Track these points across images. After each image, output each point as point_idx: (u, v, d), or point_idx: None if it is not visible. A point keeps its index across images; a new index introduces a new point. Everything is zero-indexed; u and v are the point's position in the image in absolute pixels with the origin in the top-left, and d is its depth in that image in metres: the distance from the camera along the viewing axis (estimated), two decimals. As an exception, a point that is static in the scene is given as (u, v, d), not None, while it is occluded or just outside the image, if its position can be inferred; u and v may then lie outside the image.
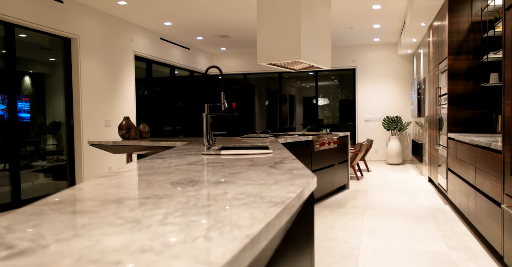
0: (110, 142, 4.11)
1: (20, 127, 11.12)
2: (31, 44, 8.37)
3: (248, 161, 1.94)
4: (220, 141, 3.74)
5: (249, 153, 2.34)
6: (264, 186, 1.20)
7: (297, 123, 17.96)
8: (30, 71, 11.04)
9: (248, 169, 1.61)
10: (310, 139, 4.73)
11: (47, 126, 7.04)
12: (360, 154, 6.97)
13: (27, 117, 11.36)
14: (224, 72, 10.80)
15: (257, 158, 2.07)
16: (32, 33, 5.74)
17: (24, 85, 11.51)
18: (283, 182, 1.25)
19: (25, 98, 11.32)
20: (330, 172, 5.35)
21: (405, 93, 9.44)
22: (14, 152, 5.34)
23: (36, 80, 7.86)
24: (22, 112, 11.28)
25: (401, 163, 9.14)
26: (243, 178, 1.37)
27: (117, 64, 6.76)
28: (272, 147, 2.87)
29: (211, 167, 1.71)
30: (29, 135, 11.02)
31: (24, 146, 10.38)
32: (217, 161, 1.97)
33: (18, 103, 11.10)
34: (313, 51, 5.12)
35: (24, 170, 9.54)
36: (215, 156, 2.28)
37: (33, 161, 9.89)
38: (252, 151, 2.47)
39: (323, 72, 10.84)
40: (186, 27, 7.63)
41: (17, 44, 9.04)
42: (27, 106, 11.31)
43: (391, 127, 9.14)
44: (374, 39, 8.95)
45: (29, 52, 9.07)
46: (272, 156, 2.17)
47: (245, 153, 2.34)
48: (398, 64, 9.45)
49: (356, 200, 5.20)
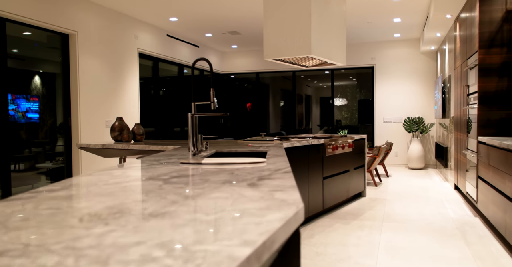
0: (99, 144, 3.74)
1: (28, 128, 10.95)
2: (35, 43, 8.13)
3: (228, 174, 1.50)
4: (218, 145, 3.31)
5: (238, 161, 1.90)
6: (213, 225, 0.76)
7: (313, 125, 17.44)
8: (40, 71, 10.88)
9: (218, 188, 1.17)
10: (322, 142, 4.26)
11: (58, 126, 6.80)
12: (379, 158, 6.45)
13: (35, 118, 11.20)
14: (236, 71, 10.39)
15: (243, 169, 1.64)
16: (29, 29, 5.43)
17: (33, 85, 11.36)
18: (249, 218, 0.81)
19: (33, 99, 11.17)
20: (344, 178, 4.87)
21: (427, 92, 8.85)
22: (4, 153, 5.03)
23: (47, 80, 7.61)
24: (30, 113, 11.12)
25: (423, 168, 8.55)
26: (196, 206, 0.94)
27: (120, 62, 6.42)
28: (271, 153, 2.43)
29: (172, 184, 1.28)
30: (38, 136, 10.85)
31: (29, 147, 10.19)
32: (190, 174, 1.55)
33: (26, 104, 10.94)
34: (326, 46, 4.64)
35: (28, 172, 9.34)
36: (195, 165, 1.85)
37: (39, 163, 9.68)
38: (243, 159, 2.03)
39: (339, 71, 10.32)
40: (193, 23, 7.24)
41: (24, 43, 8.83)
42: (36, 107, 11.14)
43: (413, 129, 8.56)
44: (394, 35, 8.40)
45: (38, 51, 8.85)
46: (262, 166, 1.73)
47: (233, 161, 1.90)
48: (420, 62, 8.87)
49: (373, 210, 4.70)
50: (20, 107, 10.54)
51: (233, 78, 11.15)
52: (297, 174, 3.80)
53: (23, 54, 10.25)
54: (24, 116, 10.64)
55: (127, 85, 6.60)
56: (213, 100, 2.36)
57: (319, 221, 4.18)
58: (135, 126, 4.12)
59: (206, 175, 1.50)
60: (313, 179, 4.10)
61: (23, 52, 10.04)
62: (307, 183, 3.98)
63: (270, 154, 2.41)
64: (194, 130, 2.37)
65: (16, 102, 10.48)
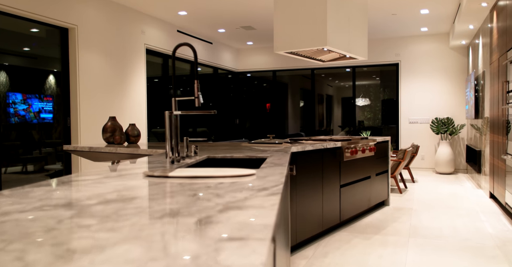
0: (86, 147, 3.34)
1: (42, 128, 10.76)
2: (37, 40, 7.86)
3: (188, 196, 1.05)
4: (214, 149, 2.86)
5: (218, 174, 1.44)
6: None
7: (334, 126, 16.83)
8: (54, 70, 10.67)
9: (141, 231, 0.71)
10: (339, 145, 3.75)
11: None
12: (404, 162, 5.87)
13: (49, 118, 11.00)
14: (252, 69, 9.94)
15: (217, 187, 1.18)
16: (34, 25, 5.12)
17: (47, 85, 11.16)
18: None
19: (47, 98, 10.97)
20: (365, 185, 4.34)
21: (457, 91, 8.18)
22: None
23: (62, 79, 7.37)
24: (43, 113, 10.93)
25: (452, 172, 7.89)
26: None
27: (125, 59, 6.05)
28: (270, 161, 1.96)
29: (84, 218, 0.82)
30: (51, 136, 10.65)
31: (41, 147, 9.99)
32: (134, 196, 1.09)
33: (39, 104, 10.75)
34: (344, 38, 4.13)
35: (37, 174, 9.11)
36: (160, 179, 1.40)
37: (49, 164, 9.45)
38: (228, 171, 1.57)
39: (361, 69, 9.74)
40: (204, 17, 6.82)
41: (32, 41, 8.59)
42: (50, 107, 10.94)
43: (441, 130, 7.92)
44: (421, 29, 7.77)
45: (52, 50, 8.60)
46: (246, 182, 1.26)
47: (211, 174, 1.44)
48: (449, 58, 8.21)
49: (397, 222, 4.16)
50: (32, 107, 10.37)
51: (250, 77, 10.70)
52: (309, 182, 3.31)
53: (35, 52, 10.07)
54: (36, 116, 10.48)
55: (133, 83, 6.23)
56: (197, 95, 1.90)
57: (335, 235, 3.67)
58: (129, 127, 3.71)
59: (155, 198, 1.04)
60: (328, 187, 3.60)
61: (35, 50, 9.85)
62: (321, 192, 3.48)
63: (269, 161, 1.94)
64: (174, 132, 1.92)
65: (28, 102, 10.32)
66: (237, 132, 10.21)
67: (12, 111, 9.77)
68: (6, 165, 8.68)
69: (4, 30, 6.97)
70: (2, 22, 5.66)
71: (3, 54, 9.49)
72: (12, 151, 9.15)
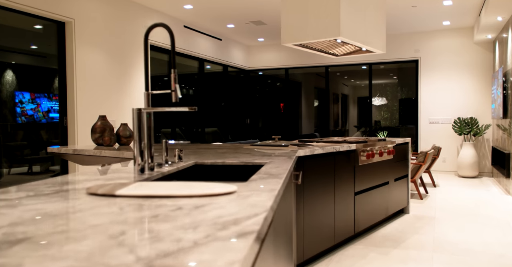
0: (70, 149, 3.01)
1: (51, 128, 10.56)
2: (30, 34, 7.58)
3: (103, 240, 0.68)
4: (206, 152, 2.49)
5: (183, 194, 1.06)
6: None
7: (350, 126, 16.34)
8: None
9: None
10: (353, 148, 3.34)
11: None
12: (425, 166, 5.42)
13: (58, 117, 10.79)
14: (264, 67, 9.55)
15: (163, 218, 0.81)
16: (30, 21, 4.85)
17: (56, 84, 10.96)
18: None
19: (56, 98, 10.77)
20: (383, 192, 3.92)
21: (482, 89, 7.65)
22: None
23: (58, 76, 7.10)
24: (52, 112, 10.73)
25: (476, 176, 7.37)
26: None
27: (126, 55, 5.74)
28: (266, 170, 1.58)
29: None
30: (59, 136, 10.44)
31: (47, 148, 9.78)
32: (14, 240, 0.72)
33: (48, 103, 10.55)
34: (359, 28, 3.72)
35: (43, 174, 8.89)
36: (104, 199, 1.03)
37: (55, 164, 9.23)
38: (201, 188, 1.20)
39: (378, 66, 9.26)
40: (211, 11, 6.47)
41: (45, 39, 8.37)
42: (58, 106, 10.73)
43: (464, 131, 7.41)
44: (443, 23, 7.28)
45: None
46: (214, 207, 0.89)
47: (175, 194, 1.07)
48: (473, 54, 7.68)
49: (419, 233, 3.73)
50: (41, 107, 10.17)
51: (261, 75, 10.32)
52: (319, 191, 2.92)
53: (43, 51, 9.87)
54: (45, 116, 10.29)
55: (135, 81, 5.91)
56: (174, 88, 1.53)
57: (349, 249, 3.27)
58: (120, 127, 3.37)
59: (51, 243, 0.67)
60: (341, 195, 3.20)
61: (43, 48, 9.64)
62: (333, 201, 3.08)
63: (263, 171, 1.56)
64: (147, 133, 1.56)
65: (36, 102, 10.13)
66: (248, 132, 9.84)
67: (19, 111, 9.59)
68: (10, 165, 8.47)
69: (9, 27, 6.73)
70: (5, 19, 5.40)
71: (9, 52, 9.30)
72: (17, 151, 8.95)
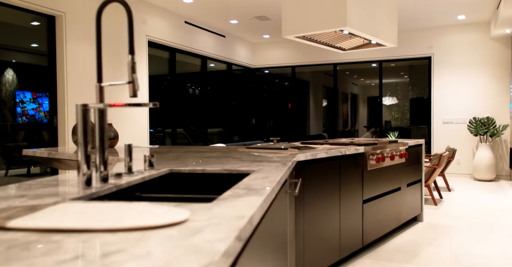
0: (45, 153, 2.72)
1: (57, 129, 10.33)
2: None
3: None
4: (194, 156, 2.18)
5: (106, 227, 0.74)
6: None
7: (360, 126, 15.94)
8: (64, 68, 10.22)
9: None
10: (361, 151, 3.01)
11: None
12: (439, 169, 5.05)
13: (59, 117, 10.56)
14: (270, 65, 9.22)
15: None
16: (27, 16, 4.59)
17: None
18: None
19: (57, 97, 10.54)
20: (394, 199, 3.57)
21: (500, 87, 7.24)
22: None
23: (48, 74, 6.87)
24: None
25: (493, 179, 6.97)
26: None
27: (122, 51, 5.46)
28: (246, 183, 1.26)
29: None
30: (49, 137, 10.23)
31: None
32: None
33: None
34: (368, 18, 3.37)
35: (40, 176, 8.68)
36: None
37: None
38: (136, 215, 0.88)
39: (389, 64, 8.88)
40: (212, 6, 6.16)
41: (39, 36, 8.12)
42: (60, 105, 10.51)
43: (480, 131, 7.01)
44: (457, 17, 6.88)
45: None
46: (130, 255, 0.56)
47: (94, 227, 0.75)
48: (490, 50, 7.27)
49: (434, 245, 3.38)
50: (42, 107, 9.95)
51: (268, 74, 9.99)
52: (322, 200, 2.59)
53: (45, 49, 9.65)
54: (47, 116, 10.06)
55: (132, 78, 5.62)
56: (132, 78, 1.22)
57: (356, 264, 2.93)
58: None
59: None
60: (347, 203, 2.86)
61: (44, 47, 9.42)
62: (338, 210, 2.75)
63: (245, 184, 1.24)
64: (100, 134, 1.25)
65: (38, 101, 9.91)
66: (254, 133, 9.52)
67: (20, 111, 9.37)
68: (8, 167, 8.26)
69: (7, 24, 6.49)
70: (3, 15, 5.16)
71: (9, 51, 9.07)
72: (16, 152, 8.74)
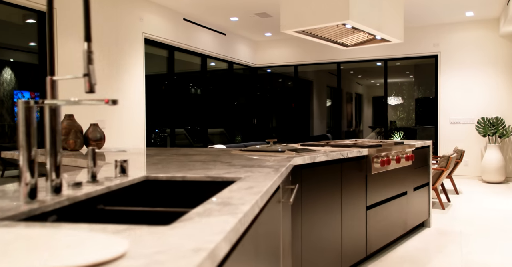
0: (8, 153, 2.53)
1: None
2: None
3: None
4: (178, 159, 1.98)
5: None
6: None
7: (364, 126, 15.70)
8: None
9: None
10: (365, 153, 2.80)
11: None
12: (447, 171, 4.83)
13: (58, 118, 10.47)
14: (272, 63, 9.02)
15: None
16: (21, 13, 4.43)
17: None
18: None
19: (55, 97, 10.43)
20: (400, 204, 3.36)
21: (509, 86, 6.99)
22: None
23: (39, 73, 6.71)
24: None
25: (503, 181, 6.73)
26: None
27: (118, 50, 5.27)
28: (224, 197, 1.06)
29: None
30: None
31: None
32: None
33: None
34: (373, 12, 3.16)
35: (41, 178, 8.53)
36: None
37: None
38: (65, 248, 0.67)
39: (394, 63, 8.65)
40: (212, 2, 5.97)
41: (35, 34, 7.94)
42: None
43: (489, 132, 6.77)
44: (465, 13, 6.65)
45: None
46: None
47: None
48: (499, 48, 7.03)
49: (443, 253, 3.16)
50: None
51: (270, 73, 9.79)
52: (321, 207, 2.38)
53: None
54: (46, 116, 9.93)
55: (129, 78, 5.44)
56: (88, 71, 1.03)
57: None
58: (90, 128, 2.89)
59: None
60: (350, 210, 2.66)
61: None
62: (339, 218, 2.54)
63: (224, 197, 1.04)
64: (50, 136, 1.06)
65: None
66: (257, 133, 9.32)
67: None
68: (4, 168, 8.11)
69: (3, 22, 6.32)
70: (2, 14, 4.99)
71: (7, 49, 8.92)
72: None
